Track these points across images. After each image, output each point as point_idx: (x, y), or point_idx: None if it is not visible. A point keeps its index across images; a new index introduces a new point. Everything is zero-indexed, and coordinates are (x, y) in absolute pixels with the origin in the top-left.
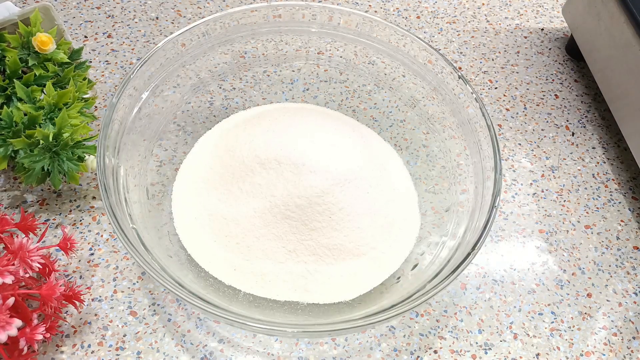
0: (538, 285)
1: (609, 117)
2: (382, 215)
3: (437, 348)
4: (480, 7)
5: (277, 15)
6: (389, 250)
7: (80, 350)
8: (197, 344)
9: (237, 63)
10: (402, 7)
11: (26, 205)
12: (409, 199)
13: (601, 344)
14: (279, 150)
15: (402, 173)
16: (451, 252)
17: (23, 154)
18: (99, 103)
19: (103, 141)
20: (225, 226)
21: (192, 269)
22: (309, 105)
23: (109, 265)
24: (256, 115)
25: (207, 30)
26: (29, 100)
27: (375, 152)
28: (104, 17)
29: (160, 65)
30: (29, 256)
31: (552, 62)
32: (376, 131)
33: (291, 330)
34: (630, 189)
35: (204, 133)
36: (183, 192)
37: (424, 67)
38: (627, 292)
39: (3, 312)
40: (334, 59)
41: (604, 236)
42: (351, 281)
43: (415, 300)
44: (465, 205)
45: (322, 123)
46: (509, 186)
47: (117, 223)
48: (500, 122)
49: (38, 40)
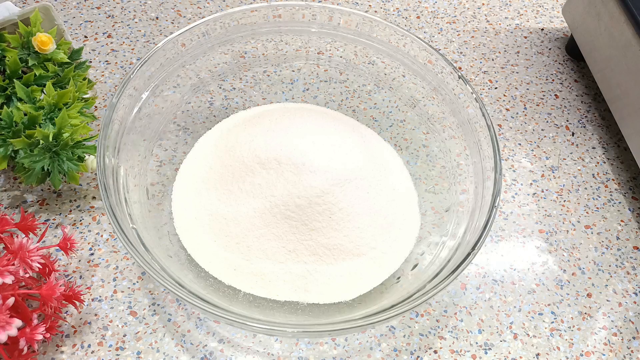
0: (538, 285)
1: (609, 117)
2: (382, 215)
3: (437, 348)
4: (480, 7)
5: (277, 15)
6: (389, 250)
7: (80, 350)
8: (197, 344)
9: (237, 63)
10: (402, 7)
11: (26, 205)
12: (409, 199)
13: (601, 344)
14: (279, 150)
15: (402, 173)
16: (451, 252)
17: (23, 154)
18: (99, 103)
19: (103, 141)
20: (225, 226)
21: (192, 269)
22: (309, 105)
23: (109, 265)
24: (256, 115)
25: (207, 30)
26: (29, 100)
27: (375, 152)
28: (104, 17)
29: (160, 65)
30: (29, 256)
31: (552, 62)
32: (376, 131)
33: (291, 330)
34: (630, 189)
35: (204, 133)
36: (183, 192)
37: (424, 67)
38: (627, 292)
39: (3, 312)
40: (334, 59)
41: (604, 236)
42: (351, 281)
43: (415, 300)
44: (465, 205)
45: (322, 123)
46: (509, 186)
47: (117, 223)
48: (500, 122)
49: (38, 40)
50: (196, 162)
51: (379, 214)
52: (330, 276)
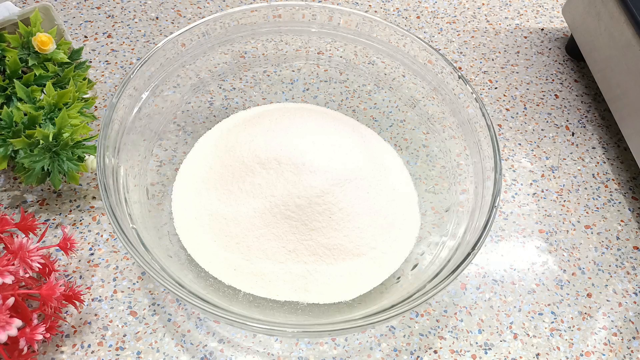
0: (538, 285)
1: (609, 117)
2: (382, 215)
3: (437, 348)
4: (480, 7)
5: (277, 15)
6: (389, 250)
7: (80, 350)
8: (197, 344)
9: (237, 63)
10: (402, 7)
11: (26, 205)
12: (409, 199)
13: (601, 344)
14: (279, 150)
15: (402, 173)
16: (451, 252)
17: (23, 154)
18: (99, 103)
19: (103, 141)
20: (225, 226)
21: (192, 269)
22: (309, 105)
23: (109, 265)
24: (256, 115)
25: (207, 30)
26: (29, 100)
27: (375, 152)
28: (104, 17)
29: (160, 65)
30: (29, 256)
31: (552, 62)
32: (376, 131)
33: (291, 330)
34: (630, 189)
35: (204, 133)
36: (183, 192)
37: (424, 67)
38: (627, 292)
39: (3, 312)
40: (334, 59)
41: (604, 236)
42: (351, 281)
43: (415, 300)
44: (465, 205)
45: (322, 123)
46: (509, 186)
47: (117, 223)
48: (500, 122)
49: (38, 40)
50: (196, 162)
51: (379, 214)
52: (330, 276)
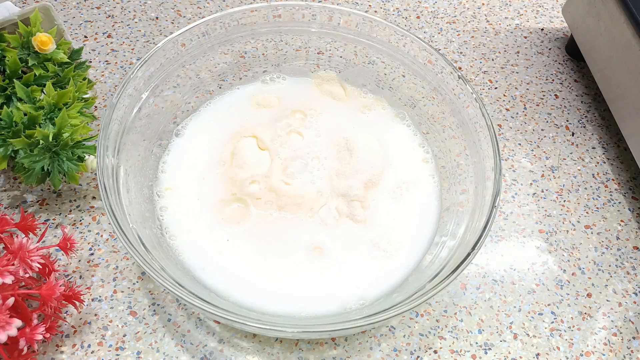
0: (538, 285)
1: (609, 117)
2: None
3: (437, 348)
4: (480, 7)
5: (277, 15)
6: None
7: (80, 350)
8: (197, 344)
9: (237, 63)
10: (402, 7)
11: (26, 205)
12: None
13: (601, 344)
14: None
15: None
16: (451, 252)
17: (23, 154)
18: (99, 103)
19: (103, 141)
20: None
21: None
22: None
23: (109, 265)
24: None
25: (207, 30)
26: (29, 100)
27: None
28: (104, 17)
29: (160, 65)
30: (29, 256)
31: (552, 62)
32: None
33: (291, 330)
34: (630, 189)
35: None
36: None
37: (424, 67)
38: (627, 292)
39: (3, 312)
40: (334, 59)
41: (604, 236)
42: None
43: (415, 300)
44: (465, 205)
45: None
46: (509, 186)
47: (117, 223)
48: (500, 122)
49: (38, 40)
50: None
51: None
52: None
